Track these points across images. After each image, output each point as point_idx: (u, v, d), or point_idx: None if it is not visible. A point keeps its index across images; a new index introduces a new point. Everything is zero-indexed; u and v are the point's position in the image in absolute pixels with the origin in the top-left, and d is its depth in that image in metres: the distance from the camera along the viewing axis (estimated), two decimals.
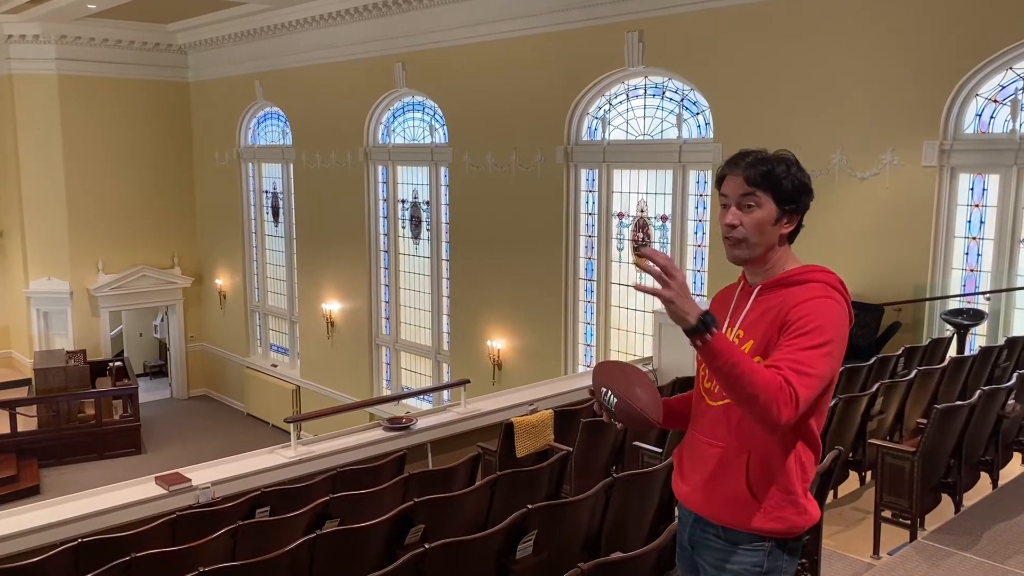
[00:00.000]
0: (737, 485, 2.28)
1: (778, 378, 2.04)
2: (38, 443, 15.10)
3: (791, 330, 2.17)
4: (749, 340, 2.28)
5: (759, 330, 2.27)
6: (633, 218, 11.62)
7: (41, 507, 5.67)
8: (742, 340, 2.29)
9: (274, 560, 3.83)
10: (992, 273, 8.42)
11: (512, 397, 7.96)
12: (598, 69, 11.40)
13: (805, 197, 2.33)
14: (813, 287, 2.25)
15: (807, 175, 2.34)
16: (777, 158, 2.30)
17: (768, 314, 2.26)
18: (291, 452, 6.49)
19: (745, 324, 2.32)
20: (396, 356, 15.42)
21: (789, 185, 2.28)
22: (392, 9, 13.58)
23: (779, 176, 2.27)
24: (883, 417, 5.64)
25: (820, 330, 2.15)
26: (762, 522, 2.28)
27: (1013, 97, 8.24)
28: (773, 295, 2.29)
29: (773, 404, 2.02)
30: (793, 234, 2.36)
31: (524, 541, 3.84)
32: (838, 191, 9.10)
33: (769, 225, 2.29)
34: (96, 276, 18.25)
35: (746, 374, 2.02)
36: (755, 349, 2.25)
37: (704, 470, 2.37)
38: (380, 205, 15.24)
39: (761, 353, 2.22)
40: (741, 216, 2.28)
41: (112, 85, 18.02)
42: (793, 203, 2.30)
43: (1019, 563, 4.25)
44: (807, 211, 2.34)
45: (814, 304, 2.19)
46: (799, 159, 2.40)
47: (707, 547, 2.39)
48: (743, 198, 2.28)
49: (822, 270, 2.31)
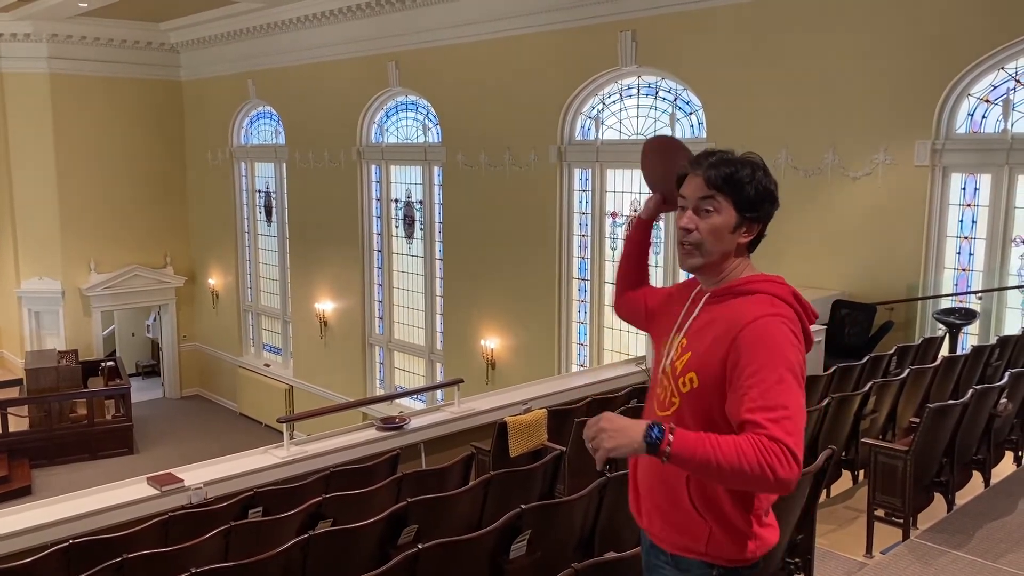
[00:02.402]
0: (681, 505, 2.15)
1: (758, 441, 1.88)
2: (30, 443, 15.03)
3: (744, 370, 1.99)
4: (688, 352, 2.14)
5: (701, 343, 2.13)
6: (626, 217, 11.63)
7: (32, 508, 5.64)
8: (683, 349, 2.16)
9: (267, 560, 3.82)
10: (984, 272, 8.45)
11: (506, 397, 7.95)
12: (591, 69, 11.40)
13: (769, 205, 2.14)
14: (760, 300, 2.10)
15: (774, 182, 2.16)
16: (743, 161, 2.13)
17: (712, 327, 2.12)
18: (284, 452, 6.48)
19: (690, 332, 2.19)
20: (389, 356, 15.41)
21: (752, 191, 2.11)
22: (385, 8, 13.56)
23: (742, 180, 2.10)
24: (876, 416, 5.65)
25: (773, 362, 1.97)
26: (709, 549, 2.14)
27: (1005, 97, 8.27)
28: (720, 306, 2.15)
29: (767, 470, 1.85)
30: (753, 244, 2.20)
31: (518, 541, 3.84)
32: (831, 190, 9.12)
33: (727, 232, 2.13)
34: (88, 275, 18.18)
35: (723, 460, 1.86)
36: (692, 363, 2.11)
37: (651, 486, 2.24)
38: (373, 204, 15.22)
39: (696, 369, 2.10)
40: (697, 221, 2.14)
41: (104, 84, 17.96)
42: (755, 211, 2.13)
43: (1011, 562, 4.26)
44: (770, 220, 2.17)
45: (760, 329, 2.02)
46: (791, 158, 2.36)
47: (659, 573, 2.29)
48: (701, 201, 2.13)
49: (771, 280, 2.16)
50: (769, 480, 1.86)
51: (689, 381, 2.11)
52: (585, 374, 10.42)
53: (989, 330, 8.34)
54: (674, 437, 1.89)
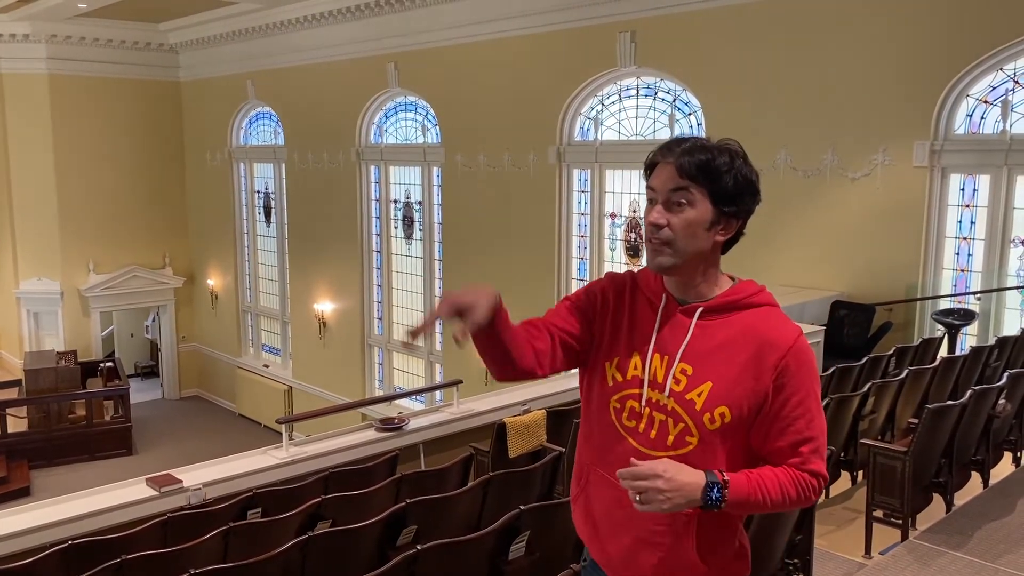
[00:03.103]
0: (682, 551, 1.91)
1: (800, 477, 1.84)
2: (28, 444, 15.02)
3: (790, 399, 1.83)
4: (706, 382, 1.85)
5: (722, 370, 1.85)
6: (625, 218, 11.64)
7: (31, 509, 5.63)
8: (691, 378, 1.86)
9: (266, 561, 3.82)
10: (983, 273, 8.46)
11: (505, 397, 7.95)
12: (590, 69, 11.41)
13: (749, 198, 1.87)
14: (771, 314, 1.90)
15: (755, 172, 1.88)
16: (720, 147, 1.85)
17: (729, 350, 1.85)
18: (283, 453, 6.47)
19: (692, 356, 1.87)
20: (388, 356, 15.41)
21: (730, 181, 1.83)
22: (385, 9, 13.56)
23: (719, 169, 1.82)
24: (874, 417, 5.65)
25: (814, 388, 1.87)
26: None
27: (1003, 98, 8.27)
28: (724, 322, 1.88)
29: (804, 501, 1.86)
30: (729, 243, 1.92)
31: (517, 542, 3.84)
32: (830, 191, 9.13)
33: (701, 229, 1.85)
34: (87, 276, 18.17)
35: (770, 501, 1.81)
36: (719, 396, 1.84)
37: (637, 533, 1.94)
38: (372, 205, 15.22)
39: (727, 403, 1.83)
40: (668, 216, 1.84)
41: (103, 85, 17.95)
42: (733, 204, 1.85)
43: (1010, 562, 4.27)
44: (749, 217, 1.90)
45: (803, 353, 1.85)
46: (790, 158, 2.25)
47: None
48: (673, 193, 1.84)
49: (762, 288, 1.95)
50: (803, 506, 1.91)
51: (719, 416, 1.84)
52: None
53: (988, 331, 8.35)
54: (729, 491, 1.77)
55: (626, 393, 1.93)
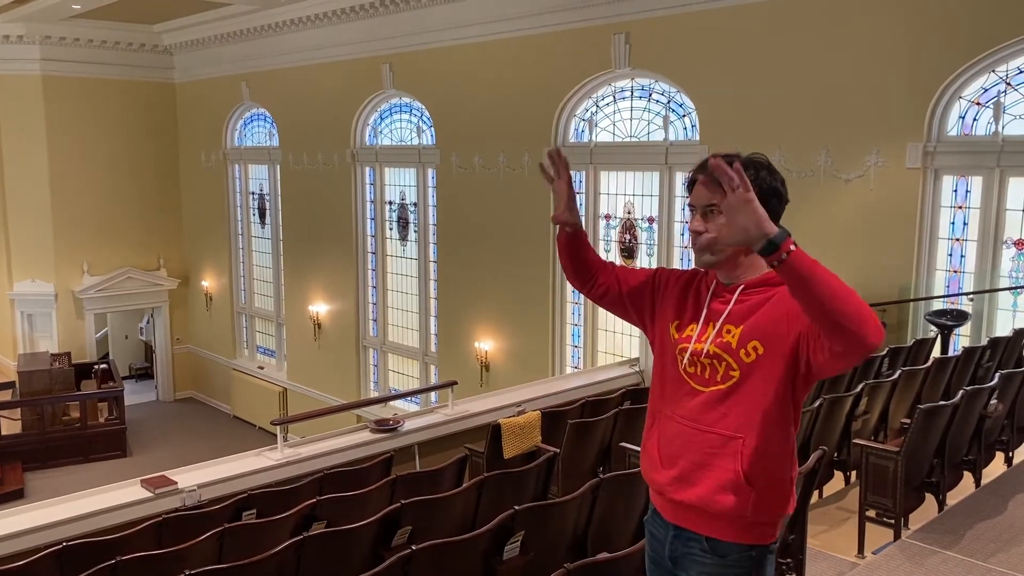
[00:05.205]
0: (731, 473, 2.22)
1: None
2: (22, 446, 14.99)
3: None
4: (739, 327, 2.24)
5: (752, 319, 2.23)
6: (620, 220, 11.66)
7: (25, 511, 5.64)
8: (728, 331, 2.26)
9: (261, 563, 3.83)
10: (975, 274, 8.49)
11: (500, 399, 7.98)
12: (585, 71, 11.42)
13: (776, 202, 2.25)
14: None
15: (780, 179, 2.29)
16: (745, 161, 2.21)
17: (759, 307, 2.23)
18: (278, 454, 6.48)
19: (732, 318, 2.27)
20: (383, 358, 15.40)
21: (757, 190, 2.12)
22: (379, 10, 13.56)
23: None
24: (867, 417, 5.68)
25: None
26: (748, 531, 2.26)
27: (995, 99, 8.31)
28: (759, 293, 2.26)
29: (870, 320, 1.90)
30: None
31: (511, 542, 3.85)
32: (823, 192, 9.16)
33: None
34: (81, 278, 18.12)
35: (839, 283, 1.91)
36: (750, 334, 2.22)
37: (692, 457, 2.29)
38: (367, 206, 15.22)
39: (759, 337, 2.20)
40: (705, 223, 2.26)
41: (97, 86, 17.91)
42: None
43: (1001, 561, 4.29)
44: (779, 217, 2.24)
45: None
46: (784, 160, 2.39)
47: (693, 561, 2.33)
48: (707, 205, 2.25)
49: None
50: (868, 322, 1.90)
51: (753, 350, 2.21)
52: (579, 376, 10.46)
53: (980, 331, 8.38)
54: (796, 248, 1.93)
55: (685, 347, 2.35)
